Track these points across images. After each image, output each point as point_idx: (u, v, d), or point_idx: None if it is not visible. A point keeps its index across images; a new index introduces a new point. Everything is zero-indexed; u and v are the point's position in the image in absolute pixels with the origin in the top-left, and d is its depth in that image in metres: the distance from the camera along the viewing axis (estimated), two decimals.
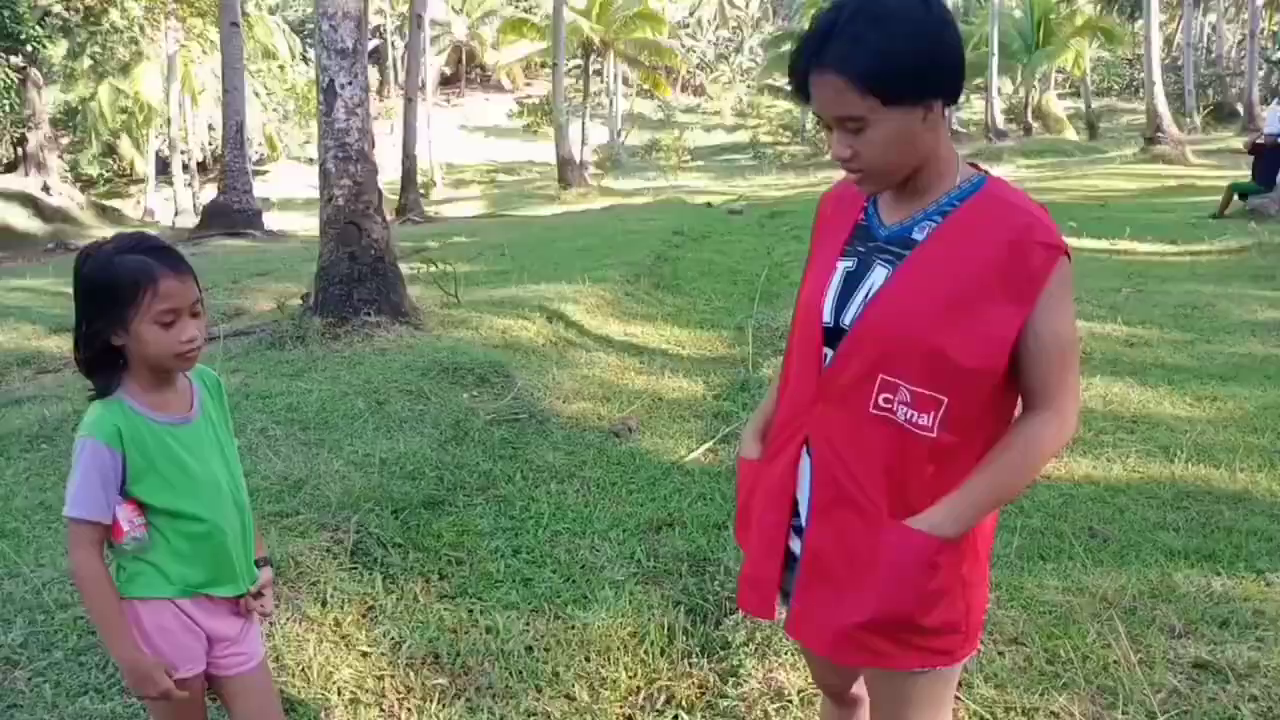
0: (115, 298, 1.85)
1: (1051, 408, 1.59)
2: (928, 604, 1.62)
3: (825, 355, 1.68)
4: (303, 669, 2.99)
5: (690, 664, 3.10)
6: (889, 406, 1.60)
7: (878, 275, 1.65)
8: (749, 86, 52.63)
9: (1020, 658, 2.92)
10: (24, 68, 23.94)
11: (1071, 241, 1.75)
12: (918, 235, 1.63)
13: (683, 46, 48.20)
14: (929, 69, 1.53)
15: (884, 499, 1.63)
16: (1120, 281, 8.97)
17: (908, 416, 1.59)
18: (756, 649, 3.03)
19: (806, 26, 1.65)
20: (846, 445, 1.66)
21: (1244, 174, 16.85)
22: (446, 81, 57.30)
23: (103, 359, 1.90)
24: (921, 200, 1.64)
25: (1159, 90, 26.18)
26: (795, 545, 1.79)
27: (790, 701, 2.79)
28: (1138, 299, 8.34)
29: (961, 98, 1.70)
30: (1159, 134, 26.22)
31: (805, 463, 1.76)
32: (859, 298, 1.65)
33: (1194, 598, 3.25)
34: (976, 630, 1.72)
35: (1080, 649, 2.94)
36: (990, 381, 1.57)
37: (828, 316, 1.69)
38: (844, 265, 1.71)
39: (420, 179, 28.26)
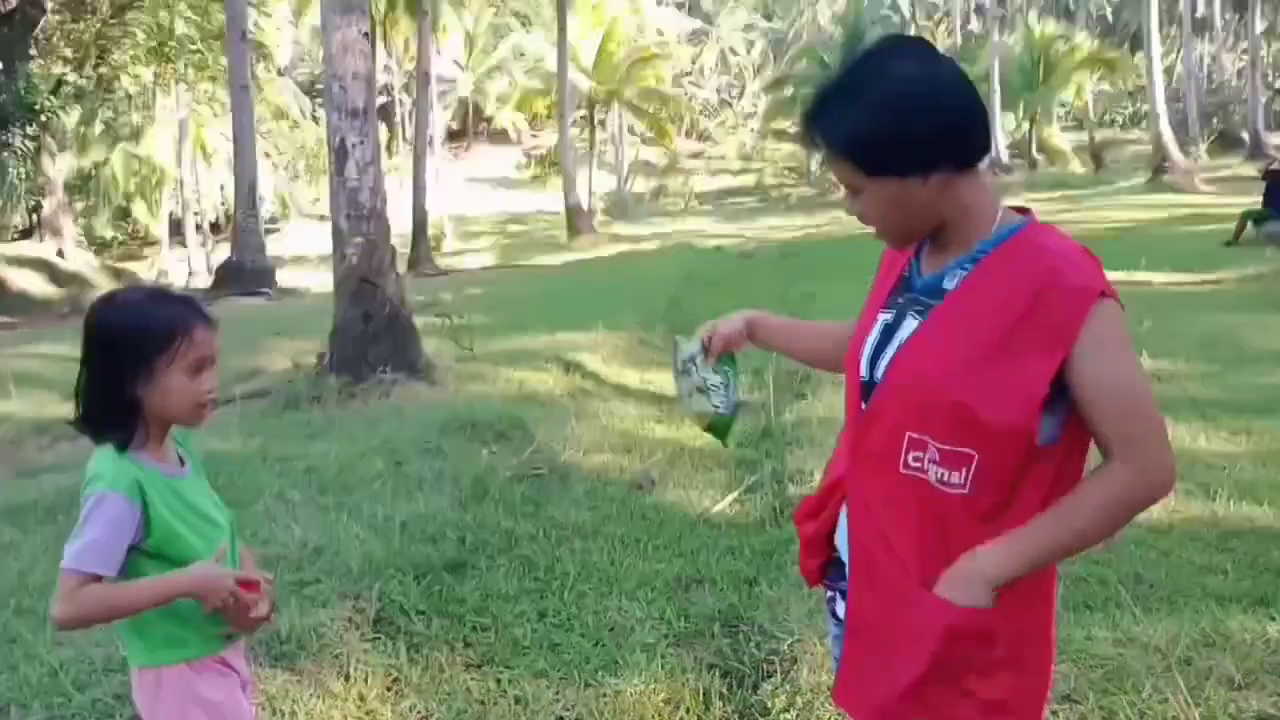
0: (145, 345, 1.79)
1: (1121, 458, 1.45)
2: (965, 677, 1.53)
3: (862, 410, 1.64)
4: None
5: None
6: (919, 466, 1.52)
7: (908, 327, 1.59)
8: (753, 130, 53.03)
9: (1075, 716, 2.79)
10: (38, 136, 24.28)
11: None
12: (948, 284, 1.56)
13: (685, 94, 48.70)
14: (909, 142, 1.46)
15: (915, 566, 1.55)
16: (1141, 313, 8.84)
17: (939, 476, 1.50)
18: (798, 715, 2.91)
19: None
20: (880, 508, 1.59)
21: (1255, 200, 16.79)
22: (454, 135, 57.92)
23: (119, 411, 1.82)
24: (956, 249, 1.57)
25: (1164, 120, 26.28)
26: (840, 610, 1.75)
27: None
28: (1160, 330, 8.21)
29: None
30: (1166, 164, 26.27)
31: (843, 523, 1.72)
32: (890, 351, 1.59)
33: (1251, 645, 3.12)
34: (1036, 711, 1.61)
35: (1137, 705, 2.81)
36: (1023, 438, 1.45)
37: (864, 370, 1.64)
38: (884, 317, 1.65)
39: (431, 232, 28.47)
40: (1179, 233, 16.32)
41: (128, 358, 1.79)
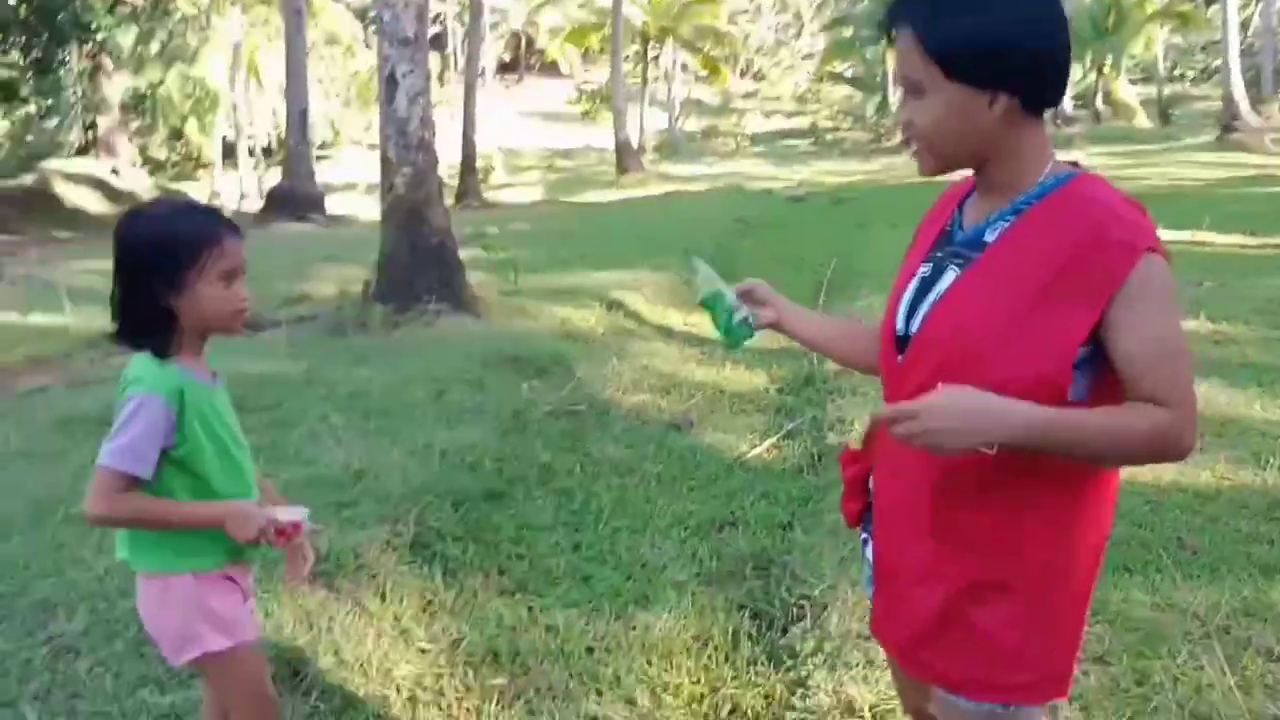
0: (175, 256, 1.82)
1: (1174, 407, 1.38)
2: (977, 622, 1.53)
3: (897, 363, 1.62)
4: (361, 664, 2.95)
5: (756, 672, 2.99)
6: None
7: (946, 279, 1.54)
8: (809, 72, 52.00)
9: (1107, 678, 2.76)
10: (95, 55, 24.45)
11: None
12: (989, 237, 1.51)
13: (741, 32, 47.77)
14: (1002, 54, 1.41)
15: (929, 518, 1.55)
16: (1200, 274, 8.61)
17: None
18: (826, 660, 2.91)
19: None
20: (905, 459, 1.56)
21: None
22: (505, 68, 57.46)
23: (155, 322, 1.84)
24: (1000, 200, 1.52)
25: (1236, 76, 25.32)
26: (870, 553, 1.76)
27: (862, 717, 2.67)
28: (1220, 292, 7.99)
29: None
30: (1235, 121, 25.39)
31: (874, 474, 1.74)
32: (926, 304, 1.56)
33: None
34: (1062, 676, 1.57)
35: (1171, 670, 2.78)
36: (1055, 392, 1.40)
37: (899, 323, 1.60)
38: (922, 270, 1.61)
39: (479, 164, 28.39)
40: (1245, 193, 15.78)
41: (158, 270, 1.81)
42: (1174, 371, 1.40)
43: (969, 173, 1.59)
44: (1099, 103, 36.60)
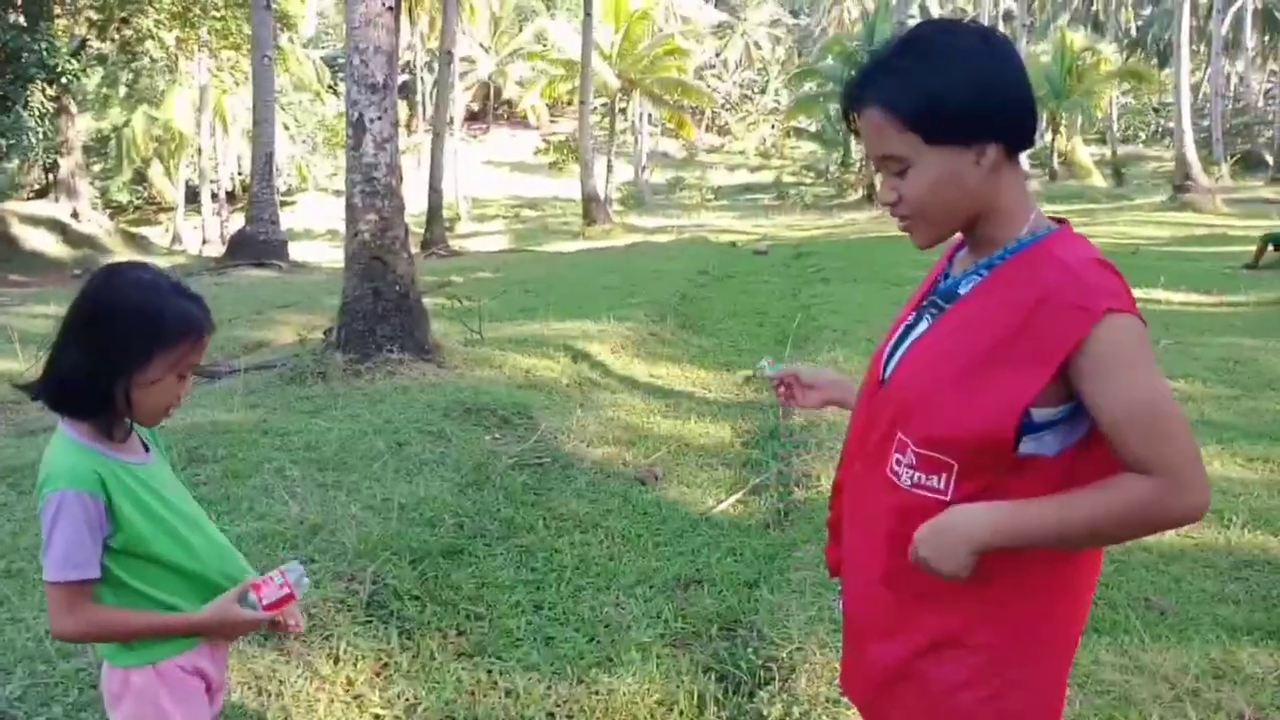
0: (155, 339, 1.70)
1: (1153, 473, 1.35)
2: (933, 682, 1.50)
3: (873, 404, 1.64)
4: None
5: None
6: (898, 469, 1.50)
7: (920, 329, 1.57)
8: (773, 127, 52.81)
9: None
10: (58, 96, 24.21)
11: None
12: (962, 290, 1.52)
13: (708, 86, 48.48)
14: (977, 107, 1.41)
15: (880, 567, 1.55)
16: (1157, 333, 8.75)
17: (914, 480, 1.47)
18: None
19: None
20: (869, 506, 1.59)
21: (1277, 224, 16.64)
22: (473, 117, 57.82)
23: (95, 397, 1.70)
24: (981, 254, 1.52)
25: (1189, 138, 26.03)
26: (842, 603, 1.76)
27: None
28: (1176, 350, 8.13)
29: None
30: (1188, 182, 26.04)
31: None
32: (900, 351, 1.58)
33: (1261, 680, 3.04)
34: None
35: None
36: (997, 451, 1.39)
37: (882, 367, 1.61)
38: (909, 319, 1.63)
39: (446, 213, 28.39)
40: (1198, 253, 16.15)
41: (128, 346, 1.69)
42: (1159, 434, 1.35)
43: None
44: (1054, 161, 37.44)
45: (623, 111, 42.13)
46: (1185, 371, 7.21)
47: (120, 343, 1.68)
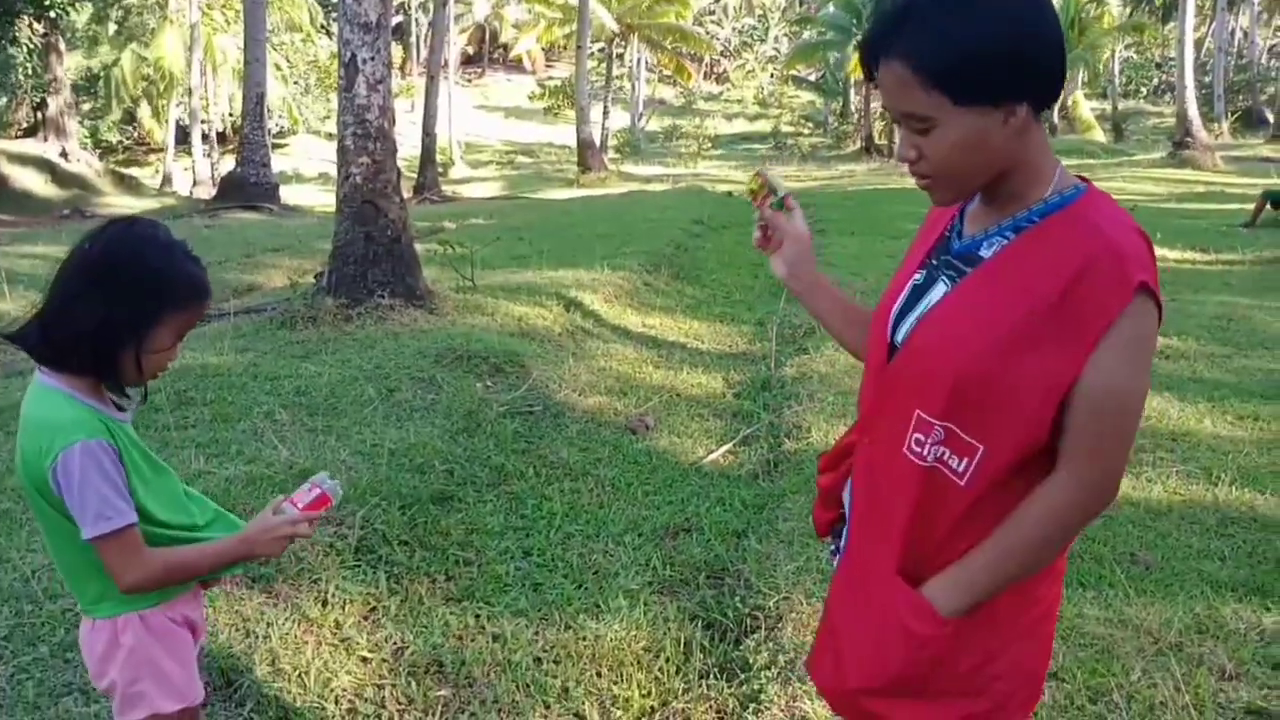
0: (168, 298, 1.69)
1: (1068, 469, 1.34)
2: (927, 681, 1.47)
3: (884, 368, 1.53)
4: (299, 674, 2.84)
5: (707, 685, 2.93)
6: (920, 449, 1.42)
7: (936, 292, 1.46)
8: (772, 76, 52.17)
9: (1061, 695, 2.74)
10: (47, 34, 23.80)
11: None
12: (985, 252, 1.41)
13: (707, 33, 47.81)
14: (1010, 65, 1.29)
15: (897, 553, 1.48)
16: None
17: (939, 455, 1.40)
18: (779, 674, 2.86)
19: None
20: (880, 481, 1.51)
21: (1275, 182, 16.55)
22: (468, 61, 57.05)
23: (108, 348, 1.66)
24: (1003, 212, 1.42)
25: (1190, 94, 25.75)
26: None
27: None
28: (1171, 308, 8.09)
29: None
30: (1188, 138, 25.81)
31: (849, 488, 1.65)
32: (914, 314, 1.47)
33: (1244, 635, 3.06)
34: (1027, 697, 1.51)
35: (1125, 687, 2.77)
36: (1034, 435, 1.34)
37: (890, 331, 1.51)
38: (916, 277, 1.52)
39: (439, 157, 28.11)
40: (1196, 209, 16.07)
41: (148, 303, 1.67)
42: (1113, 429, 1.33)
43: None
44: (1055, 116, 37.11)
45: (620, 57, 41.59)
46: (1179, 329, 7.19)
47: (136, 302, 1.66)
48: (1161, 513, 4.02)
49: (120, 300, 1.65)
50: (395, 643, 3.08)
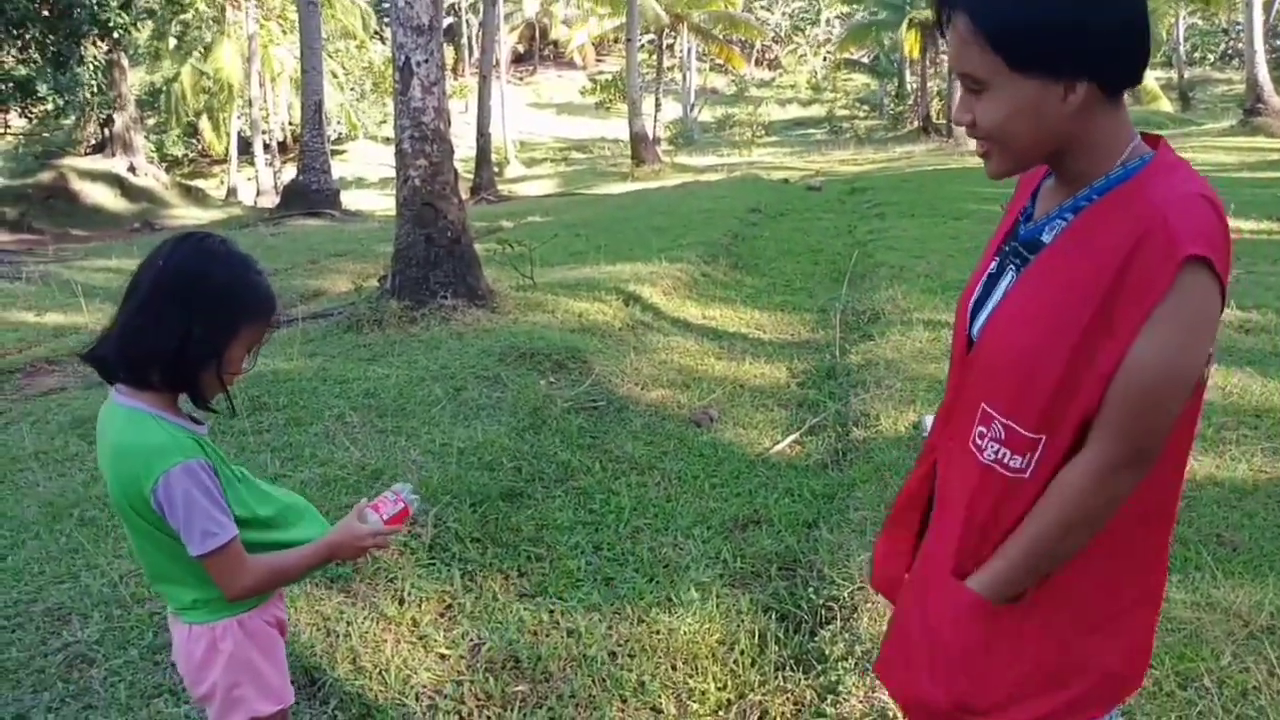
0: (242, 312, 1.72)
1: (1093, 447, 1.28)
2: (984, 684, 1.41)
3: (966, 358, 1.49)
4: (380, 671, 2.89)
5: (784, 677, 2.91)
6: (981, 443, 1.39)
7: (1005, 281, 1.42)
8: (825, 59, 51.60)
9: (1149, 681, 2.67)
10: (111, 49, 24.46)
11: None
12: (1045, 237, 1.36)
13: (757, 19, 47.46)
14: (1073, 36, 1.23)
15: (953, 551, 1.43)
16: None
17: (997, 455, 1.36)
18: (857, 664, 2.83)
19: None
20: (952, 477, 1.48)
21: None
22: (519, 59, 57.38)
23: (189, 365, 1.68)
24: (1067, 192, 1.36)
25: (1261, 58, 24.87)
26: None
27: None
28: (1249, 281, 7.84)
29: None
30: (1259, 105, 24.92)
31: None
32: (988, 306, 1.44)
33: None
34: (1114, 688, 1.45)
35: (1215, 672, 2.69)
36: (1084, 428, 1.30)
37: (969, 323, 1.48)
38: (991, 267, 1.48)
39: (494, 157, 28.33)
40: (1270, 178, 15.53)
41: (222, 317, 1.69)
42: (1136, 406, 1.26)
43: None
44: None
45: (670, 48, 41.47)
46: (1257, 301, 6.96)
47: (213, 317, 1.68)
48: (1247, 492, 3.90)
49: (199, 317, 1.67)
50: (472, 639, 3.11)
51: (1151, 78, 38.21)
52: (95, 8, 20.78)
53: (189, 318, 1.66)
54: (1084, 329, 1.26)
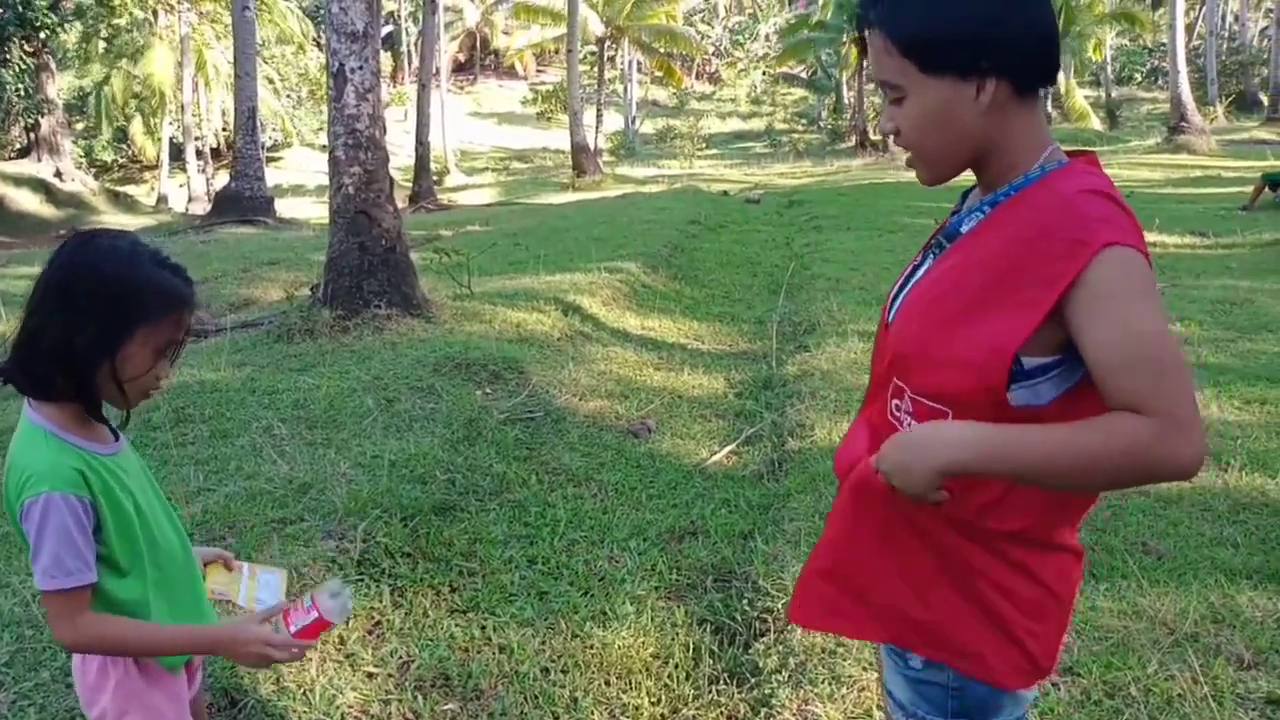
0: (134, 310, 1.56)
1: (1154, 414, 1.20)
2: (897, 569, 1.46)
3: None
4: (304, 691, 2.80)
5: (718, 691, 2.89)
6: (897, 417, 1.45)
7: (922, 270, 1.50)
8: (764, 74, 52.14)
9: (1078, 690, 2.70)
10: (38, 51, 23.78)
11: None
12: (964, 228, 1.44)
13: (697, 33, 47.77)
14: (976, 36, 1.30)
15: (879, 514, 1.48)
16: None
17: (909, 427, 1.41)
18: (790, 676, 2.81)
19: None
20: (877, 444, 1.50)
21: (1273, 164, 16.51)
22: (460, 68, 57.01)
23: (76, 370, 1.56)
24: (988, 193, 1.44)
25: (1183, 79, 25.71)
26: None
27: None
28: (1172, 294, 8.06)
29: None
30: (1183, 123, 25.75)
31: None
32: (903, 295, 1.52)
33: (1260, 623, 3.02)
34: (1007, 652, 1.42)
35: (1142, 680, 2.72)
36: (990, 400, 1.30)
37: (888, 312, 1.55)
38: (916, 259, 1.56)
39: (434, 166, 28.08)
40: (1193, 194, 16.03)
41: (106, 318, 1.55)
42: (1153, 374, 1.21)
43: None
44: (1050, 105, 37.05)
45: (611, 60, 41.55)
46: (1182, 314, 7.16)
47: (99, 317, 1.55)
48: (1172, 500, 3.98)
49: (82, 317, 1.55)
50: (400, 657, 3.04)
51: (1080, 96, 39.25)
52: (21, 7, 20.21)
53: (73, 319, 1.55)
54: (980, 305, 1.32)
